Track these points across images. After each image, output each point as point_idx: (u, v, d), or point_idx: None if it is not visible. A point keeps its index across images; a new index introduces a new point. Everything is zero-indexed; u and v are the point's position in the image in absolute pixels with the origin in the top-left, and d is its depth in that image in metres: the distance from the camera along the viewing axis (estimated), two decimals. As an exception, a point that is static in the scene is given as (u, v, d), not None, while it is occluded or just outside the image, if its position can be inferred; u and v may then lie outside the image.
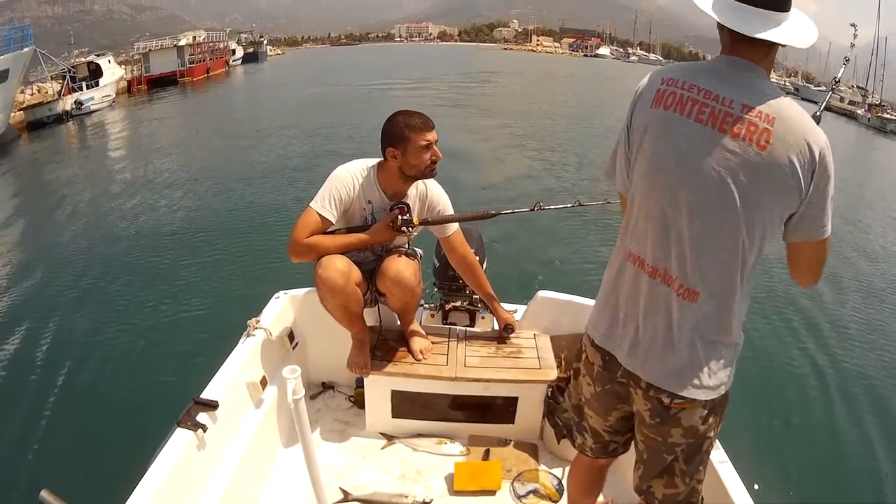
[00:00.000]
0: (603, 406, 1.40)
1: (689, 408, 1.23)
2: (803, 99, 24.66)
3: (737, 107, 1.11)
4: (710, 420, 1.25)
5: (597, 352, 1.35)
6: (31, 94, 20.78)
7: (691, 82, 1.16)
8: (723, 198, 1.12)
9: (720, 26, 1.16)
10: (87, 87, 21.45)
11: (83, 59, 24.87)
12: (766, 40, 1.11)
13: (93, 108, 20.50)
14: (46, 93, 20.79)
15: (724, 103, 1.12)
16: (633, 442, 1.43)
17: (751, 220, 1.13)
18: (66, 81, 20.85)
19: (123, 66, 28.00)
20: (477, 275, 2.29)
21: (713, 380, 1.21)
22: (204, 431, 1.73)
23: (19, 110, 17.75)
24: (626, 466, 1.72)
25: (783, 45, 1.14)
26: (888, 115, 29.33)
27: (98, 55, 25.40)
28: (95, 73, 22.83)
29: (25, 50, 16.33)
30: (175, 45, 31.99)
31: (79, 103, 19.83)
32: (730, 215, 1.13)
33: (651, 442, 1.30)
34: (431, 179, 2.15)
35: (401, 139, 1.99)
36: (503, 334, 2.39)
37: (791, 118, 1.10)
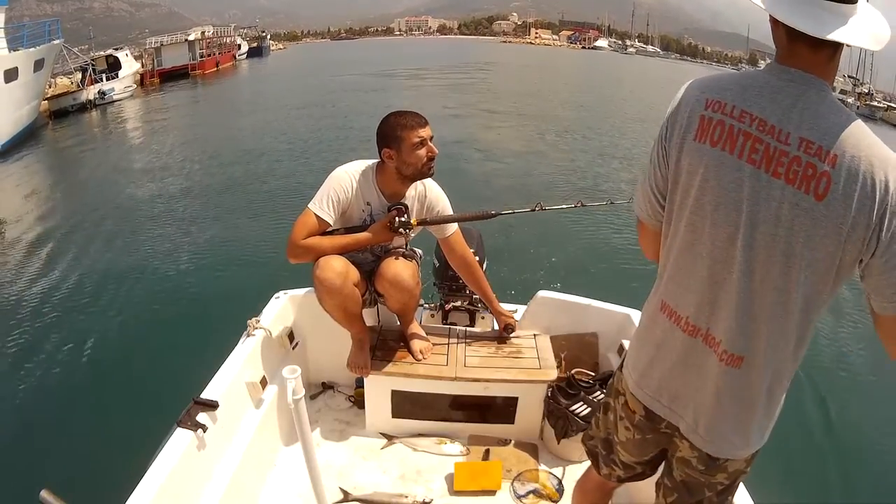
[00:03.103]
0: (639, 450, 1.32)
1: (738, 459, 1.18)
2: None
3: (794, 143, 0.93)
4: (751, 460, 1.21)
5: (638, 402, 1.24)
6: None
7: (742, 108, 0.98)
8: (776, 257, 0.97)
9: (775, 25, 0.97)
10: (108, 79, 22.49)
11: (102, 53, 25.88)
12: (831, 42, 0.92)
13: (115, 97, 21.66)
14: (58, 85, 21.56)
15: (780, 138, 0.94)
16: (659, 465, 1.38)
17: (809, 283, 0.97)
18: (88, 73, 21.91)
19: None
20: (476, 275, 2.28)
21: (758, 438, 1.14)
22: (204, 431, 1.73)
23: (44, 99, 18.41)
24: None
25: (848, 46, 0.94)
26: (876, 104, 31.35)
27: (116, 49, 26.58)
28: (113, 66, 23.93)
29: (56, 42, 17.46)
30: (186, 40, 33.05)
31: (102, 93, 20.92)
32: (784, 277, 0.98)
33: (693, 480, 1.23)
34: (430, 179, 2.14)
35: (394, 139, 1.99)
36: (503, 334, 2.38)
37: (856, 155, 0.91)
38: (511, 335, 2.38)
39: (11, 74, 14.23)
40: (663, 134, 1.09)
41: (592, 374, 2.28)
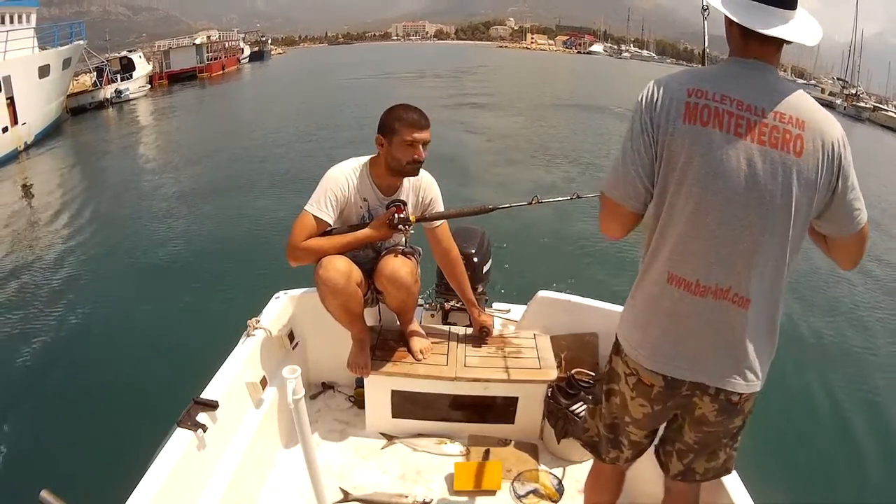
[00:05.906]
0: (654, 422, 1.40)
1: (752, 397, 1.30)
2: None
3: (769, 115, 1.14)
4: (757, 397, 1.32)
5: (654, 374, 1.31)
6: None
7: (722, 93, 1.16)
8: (772, 210, 1.16)
9: (729, 26, 1.19)
10: (122, 79, 23.50)
11: (115, 55, 26.85)
12: (777, 39, 1.15)
13: (130, 97, 22.94)
14: (74, 85, 22.24)
15: (757, 113, 1.15)
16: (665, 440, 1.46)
17: (796, 226, 1.18)
18: (106, 73, 22.85)
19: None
20: (457, 270, 2.28)
21: (766, 369, 1.29)
22: (204, 431, 1.73)
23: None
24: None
25: (789, 43, 1.18)
26: (863, 105, 32.43)
27: (130, 51, 27.95)
28: (127, 67, 24.98)
29: (80, 43, 18.55)
30: (193, 44, 34.18)
31: (118, 92, 22.14)
32: (778, 225, 1.17)
33: (710, 436, 1.34)
34: (422, 169, 2.14)
35: (390, 129, 2.01)
36: (479, 335, 2.38)
37: (815, 119, 1.15)
38: (511, 336, 2.38)
39: (44, 71, 15.14)
40: (645, 123, 1.22)
41: (592, 374, 2.28)
